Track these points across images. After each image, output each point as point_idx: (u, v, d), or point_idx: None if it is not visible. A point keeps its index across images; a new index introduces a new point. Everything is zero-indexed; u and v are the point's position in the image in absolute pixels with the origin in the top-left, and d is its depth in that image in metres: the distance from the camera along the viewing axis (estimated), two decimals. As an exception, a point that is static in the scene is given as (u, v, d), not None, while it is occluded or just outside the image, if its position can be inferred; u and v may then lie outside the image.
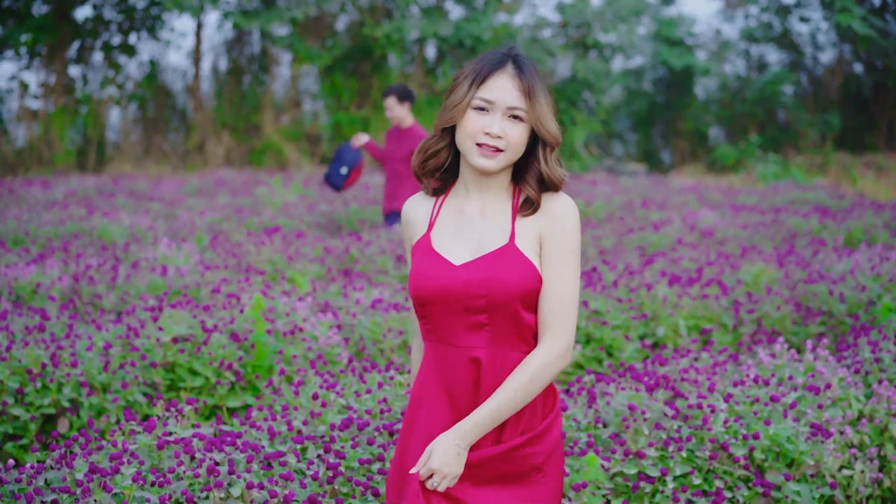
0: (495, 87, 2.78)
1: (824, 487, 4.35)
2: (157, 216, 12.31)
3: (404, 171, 9.63)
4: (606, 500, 4.19)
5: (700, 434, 4.37)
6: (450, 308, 2.82)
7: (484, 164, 2.79)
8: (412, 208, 2.97)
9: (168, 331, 5.77)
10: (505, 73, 2.80)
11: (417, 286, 2.84)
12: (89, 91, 23.62)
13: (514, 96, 2.78)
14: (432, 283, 2.82)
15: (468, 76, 2.82)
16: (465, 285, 2.80)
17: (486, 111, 2.79)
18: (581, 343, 6.79)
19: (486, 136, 2.77)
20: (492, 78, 2.79)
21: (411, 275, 2.87)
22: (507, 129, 2.77)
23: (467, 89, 2.80)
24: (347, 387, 4.74)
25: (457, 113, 2.80)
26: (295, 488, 3.68)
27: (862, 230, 11.26)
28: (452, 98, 2.82)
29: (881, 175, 22.22)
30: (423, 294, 2.83)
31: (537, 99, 2.79)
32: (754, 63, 29.40)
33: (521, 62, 2.82)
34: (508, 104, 2.78)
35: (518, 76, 2.80)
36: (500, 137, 2.77)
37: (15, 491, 3.56)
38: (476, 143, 2.78)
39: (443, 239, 2.87)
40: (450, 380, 2.86)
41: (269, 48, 25.55)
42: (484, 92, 2.78)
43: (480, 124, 2.78)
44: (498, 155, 2.79)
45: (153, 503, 3.49)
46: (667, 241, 10.75)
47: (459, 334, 2.84)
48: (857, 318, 7.09)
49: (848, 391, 4.96)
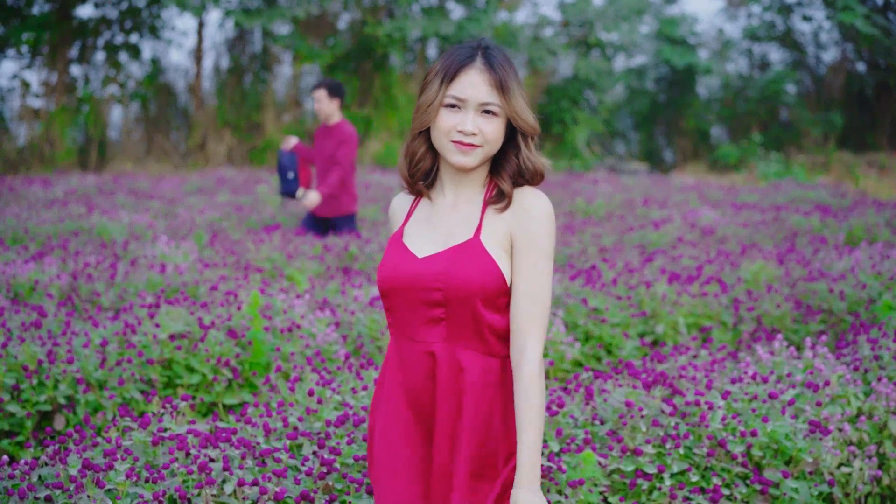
0: (465, 84, 2.70)
1: (823, 485, 4.33)
2: (156, 214, 12.31)
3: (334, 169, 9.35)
4: (603, 497, 4.17)
5: (698, 431, 4.35)
6: (408, 300, 2.77)
7: (461, 161, 2.73)
8: (397, 204, 2.95)
9: (165, 328, 5.75)
10: (474, 68, 2.71)
11: (380, 276, 2.81)
12: (91, 90, 23.62)
13: (486, 92, 2.70)
14: (393, 273, 2.78)
15: (438, 73, 2.73)
16: (422, 278, 2.74)
17: (459, 108, 2.71)
18: (580, 341, 6.77)
19: (461, 133, 2.70)
20: (461, 74, 2.71)
21: (379, 266, 2.84)
22: (481, 125, 2.71)
23: (437, 87, 2.71)
24: (344, 384, 4.72)
25: (431, 113, 2.73)
26: (288, 485, 3.66)
27: (863, 228, 11.24)
28: (424, 98, 2.74)
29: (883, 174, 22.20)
30: (383, 285, 2.80)
31: (510, 92, 2.71)
32: (756, 62, 29.41)
33: (491, 55, 2.73)
34: (480, 101, 2.70)
35: (488, 70, 2.71)
36: (475, 134, 2.70)
37: (8, 487, 3.54)
38: (451, 140, 2.72)
39: (414, 232, 2.84)
40: (406, 374, 2.83)
41: (271, 47, 25.56)
42: (454, 89, 2.70)
43: (453, 122, 2.70)
44: (474, 150, 2.73)
45: (147, 499, 3.47)
46: (667, 239, 10.73)
47: (418, 328, 2.79)
48: (858, 315, 7.07)
49: (847, 389, 4.93)
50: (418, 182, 2.85)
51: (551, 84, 26.92)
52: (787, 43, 28.37)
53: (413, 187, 2.86)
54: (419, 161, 2.83)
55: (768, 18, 28.15)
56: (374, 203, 13.24)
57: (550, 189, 16.28)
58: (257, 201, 13.96)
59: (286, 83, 26.19)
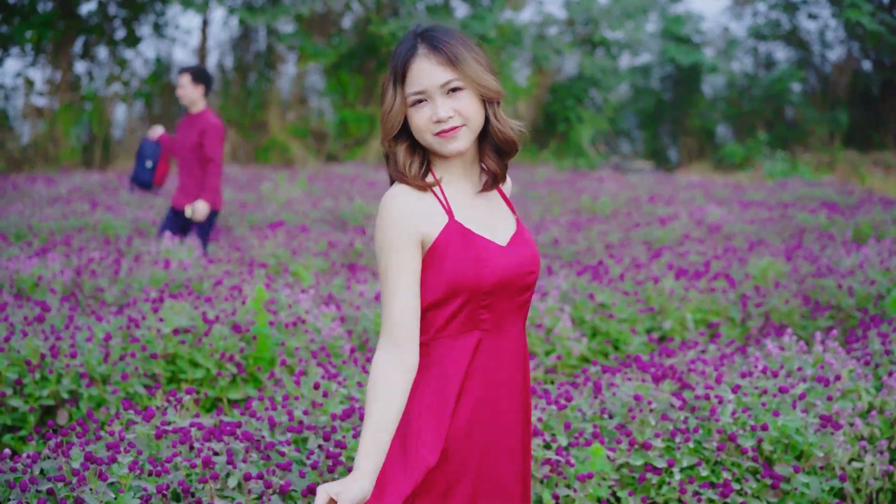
0: (417, 75, 2.61)
1: (834, 480, 4.28)
2: (160, 211, 12.27)
3: (198, 161, 8.69)
4: (612, 491, 4.12)
5: (707, 425, 4.30)
6: (509, 291, 2.67)
7: (452, 148, 2.64)
8: (413, 203, 2.64)
9: (169, 322, 5.71)
10: (418, 56, 2.62)
11: (482, 274, 2.62)
12: (95, 88, 23.60)
13: (439, 73, 2.60)
14: (497, 266, 2.64)
15: (389, 77, 2.65)
16: (523, 264, 2.68)
17: (425, 101, 2.62)
18: (587, 336, 6.72)
19: (438, 123, 2.61)
20: (410, 67, 2.62)
21: (465, 265, 2.62)
22: (452, 105, 2.61)
23: (393, 91, 2.63)
24: (350, 377, 4.68)
25: (395, 119, 2.64)
26: (293, 478, 3.62)
27: (871, 226, 11.18)
28: (385, 105, 2.65)
29: (889, 172, 22.13)
30: (491, 280, 2.63)
31: (463, 62, 2.61)
32: (762, 60, 29.34)
33: (430, 35, 2.64)
34: (438, 83, 2.60)
35: (432, 52, 2.61)
36: (452, 117, 2.61)
37: (10, 480, 3.50)
38: (433, 134, 2.63)
39: (472, 223, 2.69)
40: (499, 371, 2.71)
41: (275, 45, 25.53)
42: (410, 86, 2.62)
43: (427, 116, 2.62)
44: (458, 132, 2.63)
45: (150, 493, 3.43)
46: (673, 235, 10.68)
47: (511, 318, 2.71)
48: (866, 311, 7.01)
49: (858, 383, 4.88)
50: (423, 178, 2.70)
51: (556, 82, 26.87)
52: (792, 41, 28.30)
53: (423, 185, 2.68)
54: (407, 162, 2.69)
55: (774, 17, 28.08)
56: (378, 201, 13.19)
57: (556, 187, 16.23)
58: (261, 199, 13.92)
59: (290, 81, 26.17)
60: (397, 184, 2.66)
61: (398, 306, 2.56)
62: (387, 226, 2.59)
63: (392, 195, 2.62)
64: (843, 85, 27.23)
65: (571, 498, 3.94)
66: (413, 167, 2.66)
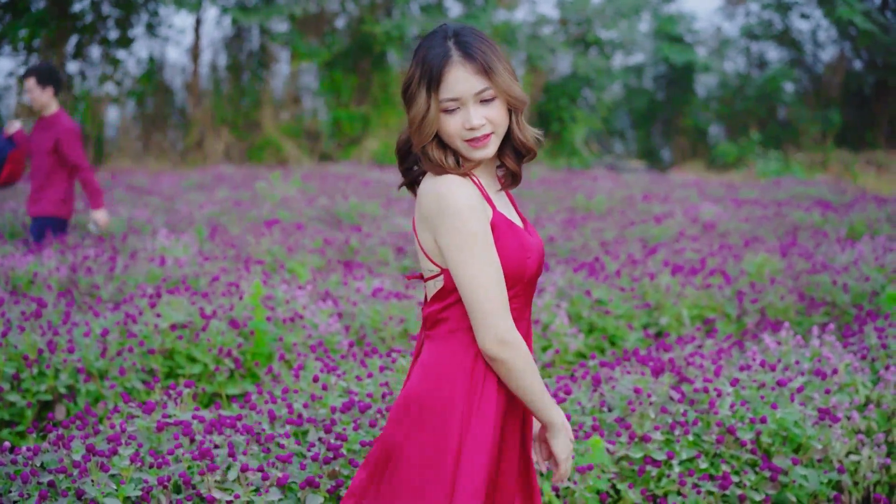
0: (453, 83, 2.62)
1: (832, 472, 4.29)
2: (155, 209, 12.26)
3: (51, 166, 8.25)
4: (612, 484, 4.13)
5: (706, 418, 4.32)
6: (533, 281, 2.75)
7: (482, 155, 2.67)
8: (470, 186, 2.66)
9: (166, 317, 5.71)
10: (453, 63, 2.62)
11: (526, 264, 2.69)
12: (87, 87, 23.56)
13: (474, 81, 2.62)
14: (535, 256, 2.72)
15: (420, 82, 2.63)
16: (542, 256, 2.77)
17: (458, 108, 2.63)
18: (584, 332, 6.73)
19: (471, 130, 2.63)
20: (445, 74, 2.61)
21: (513, 254, 2.66)
22: (484, 113, 2.64)
23: (427, 97, 2.62)
24: (348, 371, 4.68)
25: (431, 126, 2.64)
26: (293, 470, 3.62)
27: (864, 223, 11.21)
28: (415, 111, 2.64)
29: (882, 172, 22.19)
30: (532, 269, 2.71)
31: (496, 72, 2.63)
32: (754, 60, 29.39)
33: (463, 42, 2.64)
34: (474, 92, 2.62)
35: (468, 60, 2.62)
36: (483, 125, 2.64)
37: (11, 472, 3.49)
38: (464, 140, 2.65)
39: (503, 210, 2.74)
40: None
41: (269, 45, 25.51)
42: (445, 93, 2.62)
43: (458, 123, 2.63)
44: (489, 140, 2.67)
45: (151, 484, 3.43)
46: (669, 233, 10.70)
47: (529, 308, 2.79)
48: (861, 308, 7.03)
49: (854, 377, 4.90)
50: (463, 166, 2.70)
51: (550, 82, 26.89)
52: (785, 41, 28.37)
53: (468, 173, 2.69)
54: (442, 157, 2.68)
55: (766, 17, 28.15)
56: (373, 199, 13.20)
57: (551, 186, 16.25)
58: (256, 197, 13.91)
59: (284, 81, 26.15)
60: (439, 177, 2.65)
61: (503, 286, 2.60)
62: (466, 216, 2.59)
63: (448, 183, 2.62)
64: (836, 85, 27.30)
65: (571, 490, 3.94)
66: (450, 160, 2.68)
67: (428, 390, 2.65)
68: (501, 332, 2.56)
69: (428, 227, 2.64)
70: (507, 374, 2.61)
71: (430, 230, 2.64)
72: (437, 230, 2.60)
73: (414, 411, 2.66)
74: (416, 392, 2.67)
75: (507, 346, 2.58)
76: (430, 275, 2.70)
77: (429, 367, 2.67)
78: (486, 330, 2.57)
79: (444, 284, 2.66)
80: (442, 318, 2.68)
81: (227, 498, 3.39)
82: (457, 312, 2.66)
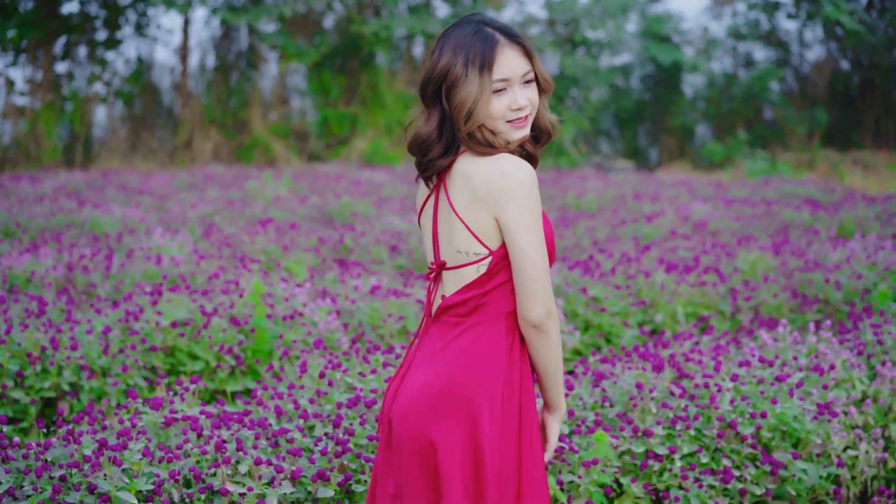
0: (504, 64, 2.71)
1: (831, 467, 4.35)
2: (148, 209, 12.26)
3: None
4: (615, 478, 4.18)
5: (707, 413, 4.37)
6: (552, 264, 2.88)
7: (522, 135, 2.77)
8: None
9: (167, 315, 5.74)
10: (503, 45, 2.72)
11: (554, 248, 2.83)
12: (76, 87, 23.50)
13: (522, 63, 2.74)
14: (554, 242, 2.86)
15: (470, 65, 2.69)
16: None
17: (504, 90, 2.72)
18: (580, 330, 6.78)
19: (516, 111, 2.73)
20: (498, 56, 2.71)
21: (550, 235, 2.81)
22: (527, 95, 2.75)
23: (479, 79, 2.68)
24: (351, 368, 4.72)
25: (485, 107, 2.70)
26: (303, 464, 3.66)
27: (854, 222, 11.29)
28: (464, 95, 2.68)
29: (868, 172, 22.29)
30: (554, 254, 2.84)
31: (533, 54, 2.77)
32: (741, 60, 29.47)
33: (502, 27, 2.75)
34: (521, 73, 2.73)
35: (514, 42, 2.74)
36: (526, 105, 2.75)
37: (23, 467, 3.52)
38: (507, 121, 2.74)
39: None
40: None
41: (257, 45, 25.47)
42: (499, 73, 2.70)
43: (505, 104, 2.72)
44: (528, 120, 2.78)
45: (163, 478, 3.46)
46: (660, 232, 10.75)
47: None
48: (854, 305, 7.10)
49: (851, 373, 4.96)
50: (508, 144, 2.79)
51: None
52: (771, 41, 28.47)
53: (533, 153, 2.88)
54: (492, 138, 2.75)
55: (753, 17, 28.24)
56: (364, 198, 13.22)
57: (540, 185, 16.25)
58: (248, 197, 13.92)
59: (272, 81, 26.10)
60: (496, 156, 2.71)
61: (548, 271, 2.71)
62: (535, 194, 2.70)
63: (511, 161, 2.71)
64: (822, 84, 27.41)
65: (576, 483, 3.99)
66: (500, 139, 2.76)
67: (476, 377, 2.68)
68: (550, 304, 2.67)
69: (486, 206, 2.68)
70: (546, 346, 2.72)
71: (488, 209, 2.68)
72: (502, 206, 2.66)
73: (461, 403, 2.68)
74: (459, 380, 2.69)
75: (552, 319, 2.69)
76: (471, 260, 2.73)
77: (474, 354, 2.71)
78: (539, 302, 2.66)
79: (489, 267, 2.71)
80: (482, 304, 2.73)
81: (241, 490, 3.43)
82: (498, 296, 2.73)
